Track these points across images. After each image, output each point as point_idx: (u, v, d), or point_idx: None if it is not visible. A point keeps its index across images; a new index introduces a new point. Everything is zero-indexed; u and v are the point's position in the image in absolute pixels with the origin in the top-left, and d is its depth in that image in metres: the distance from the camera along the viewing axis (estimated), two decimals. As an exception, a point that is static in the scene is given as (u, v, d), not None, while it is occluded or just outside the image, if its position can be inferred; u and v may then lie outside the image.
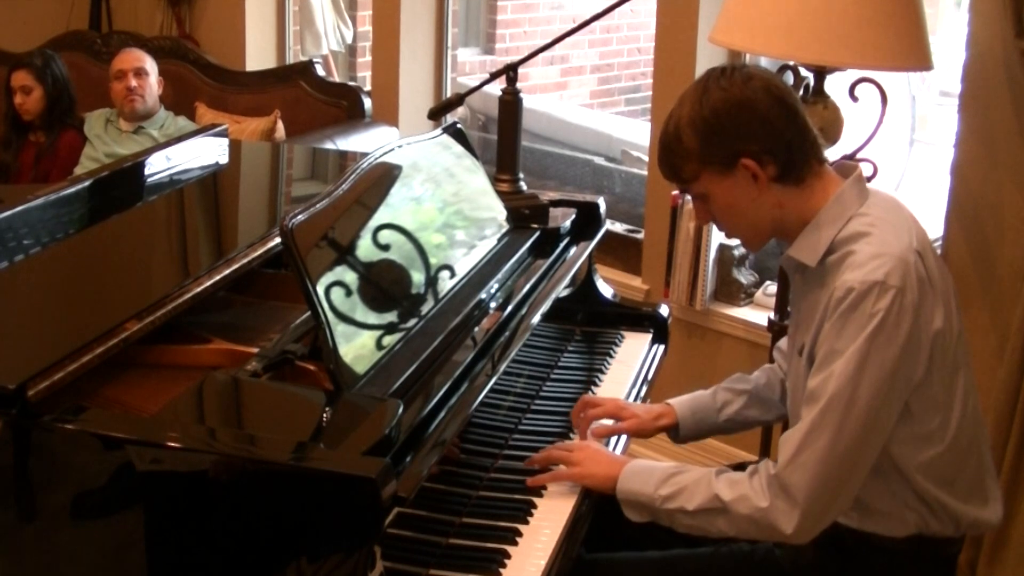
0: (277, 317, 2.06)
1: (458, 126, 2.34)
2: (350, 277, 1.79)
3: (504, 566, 1.73)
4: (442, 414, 1.70)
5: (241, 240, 2.22)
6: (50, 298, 2.03)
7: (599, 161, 5.04)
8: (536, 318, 2.09)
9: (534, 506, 1.88)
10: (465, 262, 2.10)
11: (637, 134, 5.27)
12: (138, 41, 4.60)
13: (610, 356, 2.47)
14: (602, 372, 2.41)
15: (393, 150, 2.06)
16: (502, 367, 1.92)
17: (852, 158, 2.60)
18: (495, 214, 2.31)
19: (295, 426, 1.61)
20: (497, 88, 2.47)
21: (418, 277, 1.95)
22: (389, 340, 1.80)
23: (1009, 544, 2.66)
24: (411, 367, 1.74)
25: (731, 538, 1.86)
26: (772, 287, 3.27)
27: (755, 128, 1.79)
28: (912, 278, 1.72)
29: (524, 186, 2.49)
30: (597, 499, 1.93)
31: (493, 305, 2.05)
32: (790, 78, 2.67)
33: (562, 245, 2.39)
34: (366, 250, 1.87)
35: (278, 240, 1.99)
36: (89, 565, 1.59)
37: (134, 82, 4.15)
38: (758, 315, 3.30)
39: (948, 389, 1.82)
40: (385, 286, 1.89)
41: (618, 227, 3.70)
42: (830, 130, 2.60)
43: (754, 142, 1.79)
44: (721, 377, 2.21)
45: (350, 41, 5.16)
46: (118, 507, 1.57)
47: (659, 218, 3.43)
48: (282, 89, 4.42)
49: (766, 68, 1.98)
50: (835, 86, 2.65)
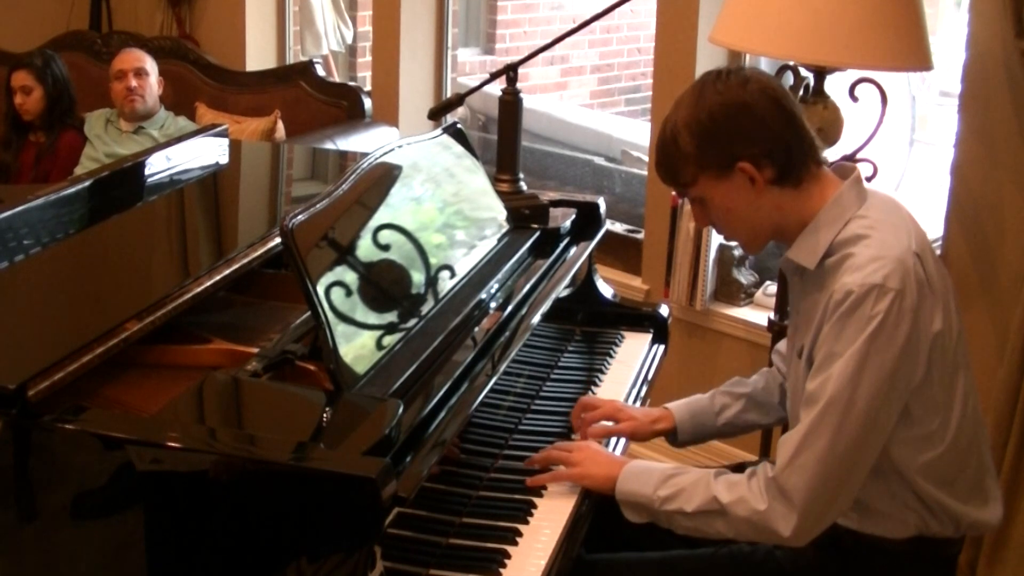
0: (277, 317, 2.05)
1: (458, 126, 2.34)
2: (350, 277, 1.79)
3: (504, 566, 1.73)
4: (442, 414, 1.70)
5: (241, 240, 2.22)
6: (50, 298, 2.03)
7: (599, 161, 5.04)
8: (536, 318, 2.09)
9: (534, 506, 1.88)
10: (465, 262, 2.10)
11: (637, 134, 5.27)
12: (138, 41, 4.60)
13: (610, 356, 2.47)
14: (602, 372, 2.41)
15: (393, 150, 2.06)
16: (502, 367, 1.92)
17: (852, 158, 2.60)
18: (495, 214, 2.31)
19: (295, 426, 1.61)
20: (497, 88, 2.47)
21: (418, 277, 1.95)
22: (389, 340, 1.80)
23: (1009, 544, 2.66)
24: (411, 367, 1.74)
25: (731, 539, 1.86)
26: (772, 287, 3.27)
27: (752, 131, 1.78)
28: (911, 280, 1.72)
29: (524, 186, 2.49)
30: (597, 499, 1.93)
31: (493, 305, 2.05)
32: (790, 78, 2.67)
33: (562, 245, 2.39)
34: (366, 250, 1.87)
35: (278, 240, 1.99)
36: (89, 565, 1.59)
37: (134, 82, 4.15)
38: (758, 315, 3.30)
39: (948, 390, 1.82)
40: (385, 286, 1.89)
41: (618, 227, 3.70)
42: (830, 130, 2.59)
43: (751, 145, 1.78)
44: (721, 377, 2.21)
45: (350, 41, 5.15)
46: (118, 507, 1.57)
47: (659, 218, 3.43)
48: (282, 89, 4.42)
49: (763, 70, 1.98)
50: (835, 86, 2.65)
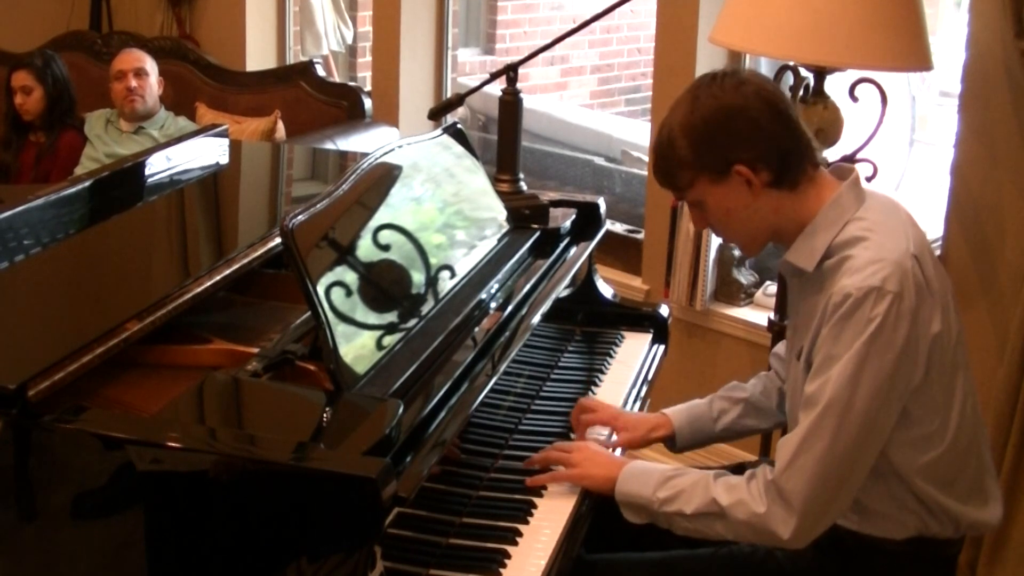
0: (277, 317, 2.05)
1: (458, 126, 2.34)
2: (350, 277, 1.79)
3: (504, 566, 1.73)
4: (442, 414, 1.70)
5: (241, 240, 2.22)
6: (50, 298, 2.03)
7: (599, 161, 5.04)
8: (536, 318, 2.09)
9: (534, 506, 1.88)
10: (465, 262, 2.10)
11: (637, 134, 5.27)
12: (138, 41, 4.60)
13: (610, 356, 2.47)
14: (602, 372, 2.41)
15: (393, 150, 2.06)
16: (502, 367, 1.91)
17: (852, 158, 2.60)
18: (495, 214, 2.31)
19: (295, 426, 1.61)
20: (497, 88, 2.47)
21: (418, 277, 1.95)
22: (389, 340, 1.80)
23: (1009, 544, 2.66)
24: (411, 367, 1.74)
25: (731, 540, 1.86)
26: (772, 287, 3.27)
27: (747, 134, 1.78)
28: (909, 283, 1.72)
29: (524, 186, 2.48)
30: (597, 499, 1.93)
31: (493, 305, 2.05)
32: (790, 78, 2.67)
33: (562, 245, 2.39)
34: (366, 250, 1.87)
35: (278, 240, 1.99)
36: (89, 565, 1.59)
37: (134, 82, 4.15)
38: (758, 315, 3.30)
39: (947, 391, 1.81)
40: (385, 286, 1.89)
41: (618, 227, 3.69)
42: (830, 130, 2.60)
43: (747, 149, 1.78)
44: (721, 377, 2.21)
45: (350, 41, 5.15)
46: (118, 507, 1.57)
47: (659, 218, 3.43)
48: (282, 89, 4.42)
49: (759, 73, 1.98)
50: (835, 86, 2.65)
